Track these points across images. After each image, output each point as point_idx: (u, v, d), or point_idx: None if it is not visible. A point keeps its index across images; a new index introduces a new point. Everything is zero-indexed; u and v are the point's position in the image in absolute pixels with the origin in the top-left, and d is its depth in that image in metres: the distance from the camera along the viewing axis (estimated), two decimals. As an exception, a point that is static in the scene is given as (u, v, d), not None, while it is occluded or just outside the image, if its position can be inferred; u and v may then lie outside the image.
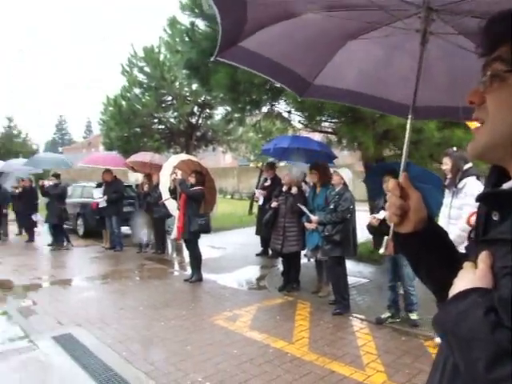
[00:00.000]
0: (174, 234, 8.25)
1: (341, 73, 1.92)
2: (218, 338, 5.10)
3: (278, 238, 6.88)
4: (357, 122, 7.61)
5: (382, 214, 5.10)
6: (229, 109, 10.63)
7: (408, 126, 1.47)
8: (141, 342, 4.99)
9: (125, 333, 5.30)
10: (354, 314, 5.94)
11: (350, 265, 7.51)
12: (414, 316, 5.43)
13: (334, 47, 1.80)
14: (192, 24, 9.39)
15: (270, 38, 1.64)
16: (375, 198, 6.07)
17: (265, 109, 9.94)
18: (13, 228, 13.80)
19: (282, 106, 9.76)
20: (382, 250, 4.45)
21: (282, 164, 17.16)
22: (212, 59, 1.71)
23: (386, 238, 1.28)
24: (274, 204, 6.96)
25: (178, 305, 6.43)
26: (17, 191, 12.93)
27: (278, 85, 8.64)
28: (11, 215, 13.72)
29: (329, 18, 1.55)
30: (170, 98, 16.14)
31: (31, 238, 12.71)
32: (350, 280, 6.66)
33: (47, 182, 11.44)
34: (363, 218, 7.99)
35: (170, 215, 9.74)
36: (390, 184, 1.17)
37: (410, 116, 1.47)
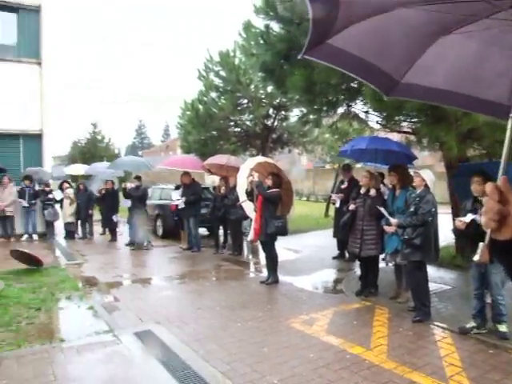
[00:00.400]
0: (251, 235, 8.31)
1: (431, 70, 1.81)
2: (294, 341, 5.06)
3: (356, 241, 6.72)
4: (439, 120, 7.28)
5: (468, 217, 4.82)
6: (304, 110, 10.55)
7: (509, 126, 1.35)
8: (218, 342, 5.05)
9: (202, 332, 5.40)
10: (436, 323, 5.66)
11: (431, 270, 7.18)
12: (503, 328, 5.08)
13: (425, 43, 1.70)
14: (267, 27, 9.42)
15: (359, 34, 1.58)
16: (462, 200, 5.75)
17: (341, 109, 9.78)
18: (97, 228, 14.58)
19: (358, 107, 9.57)
20: (476, 258, 4.19)
21: (358, 165, 16.86)
22: (299, 57, 1.67)
23: (480, 244, 1.18)
24: (351, 206, 6.82)
25: (254, 306, 6.46)
26: (99, 193, 13.62)
27: (355, 85, 8.52)
28: (97, 216, 14.53)
29: (422, 12, 1.46)
30: (245, 100, 16.31)
31: (114, 238, 13.35)
32: (431, 286, 6.36)
33: (129, 185, 11.96)
34: (445, 221, 7.65)
35: (246, 217, 9.83)
36: (487, 188, 1.08)
37: (511, 115, 1.35)
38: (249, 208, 8.88)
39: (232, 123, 17.11)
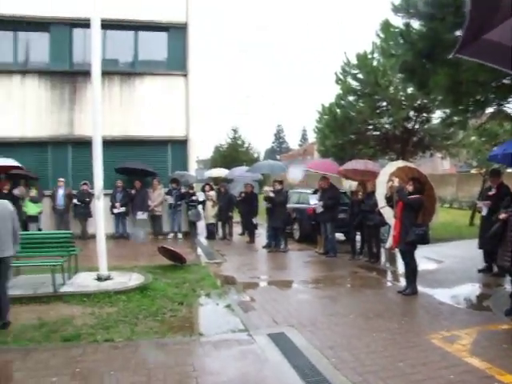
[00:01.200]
0: (389, 242, 8.04)
1: None
2: (432, 359, 4.73)
3: (507, 253, 6.09)
4: None
5: None
6: (448, 111, 9.93)
7: None
8: (350, 351, 4.93)
9: (335, 339, 5.31)
10: None
11: None
12: None
13: None
14: (406, 25, 9.03)
15: None
16: None
17: (490, 109, 9.02)
18: (236, 229, 15.22)
19: (511, 106, 8.74)
20: None
21: (509, 170, 15.42)
22: (451, 56, 1.55)
23: None
24: (502, 215, 6.21)
25: (389, 317, 6.18)
26: (239, 196, 14.21)
27: (508, 81, 7.78)
28: (236, 217, 15.19)
29: None
30: (384, 103, 15.86)
31: (252, 240, 13.79)
32: None
33: (268, 188, 12.33)
34: None
35: (385, 223, 9.50)
36: None
37: None
38: (388, 214, 8.55)
39: (370, 127, 16.75)
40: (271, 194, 12.03)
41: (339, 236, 13.00)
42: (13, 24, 14.35)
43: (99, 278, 7.91)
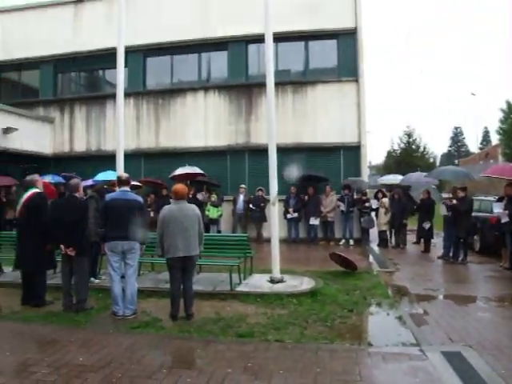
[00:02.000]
0: None
1: None
2: None
3: None
4: None
5: None
6: None
7: None
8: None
9: (523, 367, 4.73)
10: None
11: None
12: None
13: None
14: None
15: None
16: None
17: None
18: (410, 237, 14.60)
19: None
20: None
21: None
22: None
23: None
24: None
25: None
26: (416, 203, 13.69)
27: None
28: (410, 225, 14.59)
29: None
30: None
31: (427, 249, 13.09)
32: None
33: (447, 195, 11.65)
34: None
35: None
36: None
37: None
38: None
39: None
40: (454, 202, 11.31)
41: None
42: (197, 47, 16.12)
43: (272, 280, 8.26)
